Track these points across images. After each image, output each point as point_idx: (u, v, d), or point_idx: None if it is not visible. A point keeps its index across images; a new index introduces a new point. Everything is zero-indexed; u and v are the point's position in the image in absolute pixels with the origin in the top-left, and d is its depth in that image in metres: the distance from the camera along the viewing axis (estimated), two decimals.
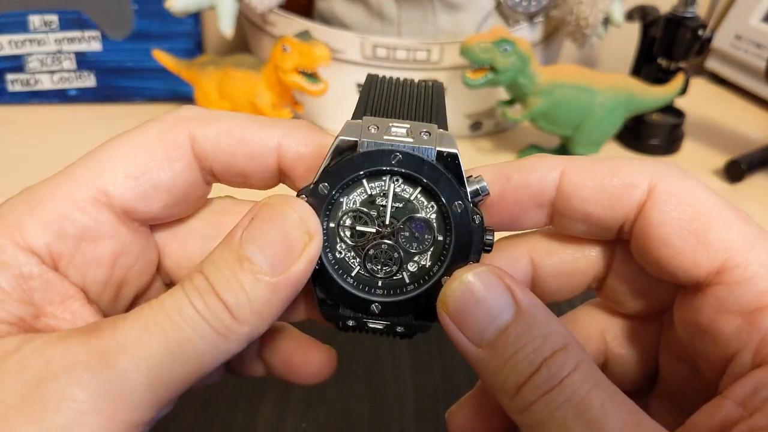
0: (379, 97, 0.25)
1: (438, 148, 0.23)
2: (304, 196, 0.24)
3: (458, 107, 0.71)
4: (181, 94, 0.76)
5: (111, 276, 0.24)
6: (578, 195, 0.24)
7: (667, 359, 0.26)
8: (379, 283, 0.25)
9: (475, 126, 0.73)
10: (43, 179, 0.24)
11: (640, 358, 0.27)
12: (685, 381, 0.26)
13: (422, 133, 0.24)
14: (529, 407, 0.20)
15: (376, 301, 0.24)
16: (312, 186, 0.24)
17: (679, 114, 0.73)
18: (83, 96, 0.76)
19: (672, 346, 0.26)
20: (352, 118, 0.24)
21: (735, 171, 0.67)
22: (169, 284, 0.27)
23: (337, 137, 0.23)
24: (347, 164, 0.23)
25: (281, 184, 0.27)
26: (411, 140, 0.23)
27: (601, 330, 0.28)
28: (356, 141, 0.23)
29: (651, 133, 0.72)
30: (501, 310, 0.22)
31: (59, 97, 0.76)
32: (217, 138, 0.25)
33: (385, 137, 0.23)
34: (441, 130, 0.24)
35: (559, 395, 0.20)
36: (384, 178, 0.24)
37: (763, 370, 0.21)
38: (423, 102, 0.25)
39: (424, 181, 0.23)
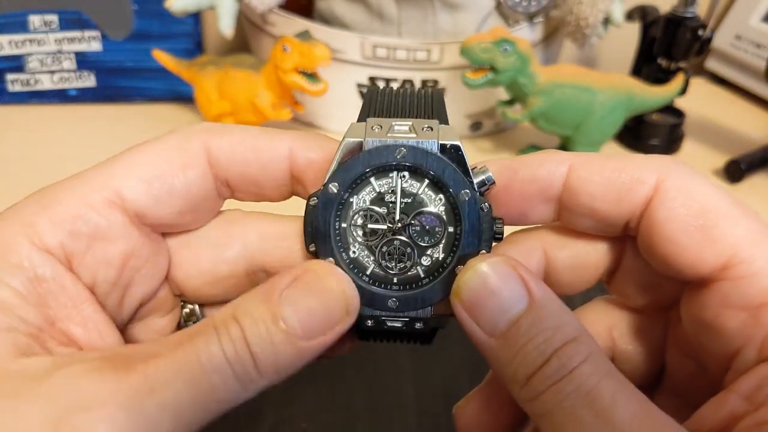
0: (380, 103, 0.26)
1: (441, 141, 0.24)
2: (315, 198, 0.24)
3: (458, 107, 0.71)
4: (181, 94, 0.76)
5: (120, 277, 0.24)
6: (585, 190, 0.24)
7: (674, 355, 0.27)
8: (395, 280, 0.25)
9: (475, 126, 0.73)
10: (52, 181, 0.24)
11: (647, 354, 0.27)
12: (692, 377, 0.26)
13: (424, 129, 0.24)
14: (539, 396, 0.21)
15: (392, 296, 0.25)
16: (322, 188, 0.24)
17: (679, 114, 0.73)
18: (83, 96, 0.76)
19: (679, 342, 0.26)
20: (357, 122, 0.25)
21: (735, 171, 0.67)
22: (179, 294, 0.27)
23: (343, 139, 0.24)
24: (354, 163, 0.24)
25: (294, 197, 0.27)
26: (414, 135, 0.24)
27: (608, 327, 0.28)
28: (361, 141, 0.24)
29: (651, 133, 0.72)
30: (514, 301, 0.22)
31: (59, 97, 0.76)
32: (231, 147, 0.25)
33: (388, 135, 0.24)
34: (443, 125, 0.25)
35: (568, 385, 0.20)
36: (391, 175, 0.25)
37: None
38: (423, 104, 0.26)
39: (430, 172, 0.24)
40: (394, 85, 0.69)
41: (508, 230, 0.25)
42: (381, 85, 0.28)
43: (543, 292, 0.22)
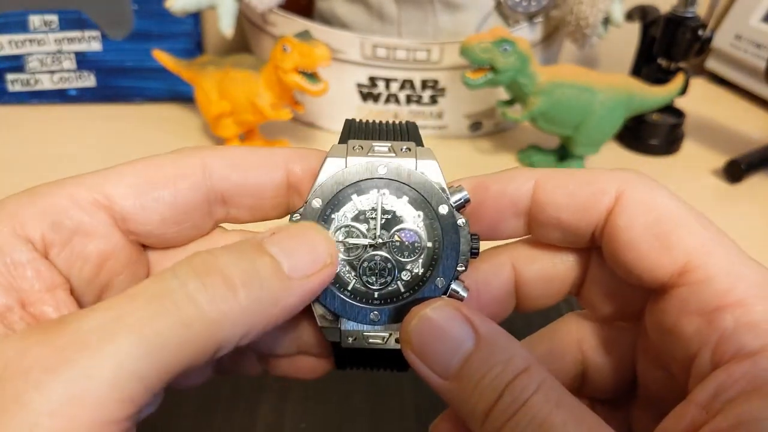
0: (359, 129, 0.27)
1: (419, 160, 0.25)
2: (297, 215, 0.25)
3: (458, 107, 0.71)
4: (181, 94, 0.76)
5: (96, 276, 0.24)
6: (551, 203, 0.25)
7: (644, 365, 0.27)
8: (376, 295, 0.26)
9: (475, 126, 0.73)
10: (45, 180, 0.24)
11: (618, 366, 0.28)
12: (663, 386, 0.26)
13: (403, 149, 0.26)
14: None
15: (374, 310, 0.25)
16: (304, 205, 0.25)
17: (679, 114, 0.73)
18: (83, 96, 0.76)
19: (647, 352, 0.27)
20: (339, 143, 0.26)
21: (735, 171, 0.67)
22: None
23: (325, 158, 0.25)
24: (336, 180, 0.25)
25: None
26: (393, 155, 0.25)
27: (578, 340, 0.28)
28: (343, 159, 0.25)
29: (651, 133, 0.72)
30: (462, 341, 0.22)
31: (59, 97, 0.76)
32: (229, 160, 0.26)
33: (369, 154, 0.25)
34: (419, 146, 0.26)
35: (523, 418, 0.20)
36: (372, 192, 0.25)
37: (723, 371, 0.21)
38: (400, 130, 0.28)
39: (409, 189, 0.25)
40: (394, 85, 0.69)
41: (481, 246, 0.26)
42: (358, 117, 0.29)
43: (489, 328, 0.23)
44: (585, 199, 0.25)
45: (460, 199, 0.25)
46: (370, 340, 0.26)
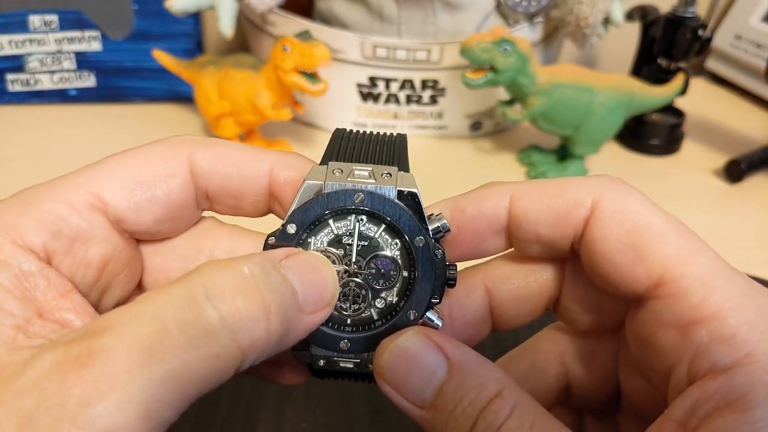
0: (344, 147, 0.27)
1: (398, 188, 0.25)
2: (273, 238, 0.25)
3: (458, 107, 0.71)
4: (181, 94, 0.76)
5: (98, 279, 0.24)
6: (528, 218, 0.25)
7: (626, 376, 0.27)
8: (348, 321, 0.25)
9: (475, 126, 0.73)
10: (39, 182, 0.24)
11: (602, 377, 0.28)
12: (646, 396, 0.26)
13: (383, 175, 0.25)
14: None
15: (345, 338, 0.25)
16: (280, 228, 0.25)
17: (679, 114, 0.73)
18: (83, 96, 0.76)
19: (629, 363, 0.26)
20: (319, 164, 0.26)
21: (735, 171, 0.67)
22: None
23: (304, 181, 0.25)
24: (313, 205, 0.24)
25: (270, 213, 0.28)
26: (373, 181, 0.25)
27: (560, 353, 0.28)
28: (322, 184, 0.25)
29: (651, 133, 0.72)
30: (435, 369, 0.22)
31: (59, 97, 0.76)
32: (215, 159, 0.26)
33: (348, 179, 0.25)
34: (402, 172, 0.25)
35: None
36: (349, 218, 0.25)
37: (698, 387, 0.21)
38: (386, 149, 0.27)
39: (386, 218, 0.24)
40: (394, 85, 0.69)
41: (465, 265, 0.26)
42: (348, 127, 0.28)
43: (460, 354, 0.22)
44: (561, 211, 0.24)
45: (440, 229, 0.25)
46: (341, 365, 0.25)
